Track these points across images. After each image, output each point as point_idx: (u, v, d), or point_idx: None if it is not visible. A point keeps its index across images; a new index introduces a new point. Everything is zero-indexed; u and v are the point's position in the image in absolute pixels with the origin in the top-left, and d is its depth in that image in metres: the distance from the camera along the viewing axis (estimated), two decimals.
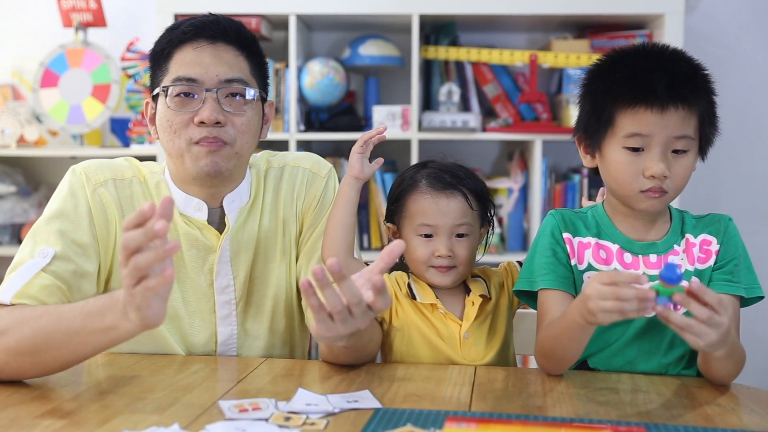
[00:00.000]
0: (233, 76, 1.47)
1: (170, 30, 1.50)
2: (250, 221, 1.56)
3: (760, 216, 3.20)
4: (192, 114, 1.44)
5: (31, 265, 1.38)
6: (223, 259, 1.52)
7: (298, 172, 1.62)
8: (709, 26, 3.15)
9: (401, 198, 1.54)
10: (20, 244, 3.07)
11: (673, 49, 1.38)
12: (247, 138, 1.49)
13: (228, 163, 1.47)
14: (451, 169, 1.54)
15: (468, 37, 3.16)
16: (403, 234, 1.54)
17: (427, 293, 1.52)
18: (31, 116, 3.18)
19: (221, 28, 1.48)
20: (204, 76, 1.45)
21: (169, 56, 1.48)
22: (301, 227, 1.60)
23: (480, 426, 1.10)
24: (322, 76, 2.92)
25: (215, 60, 1.46)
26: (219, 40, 1.48)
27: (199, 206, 1.52)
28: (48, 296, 1.35)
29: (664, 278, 1.14)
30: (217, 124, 1.44)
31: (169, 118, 1.46)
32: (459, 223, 1.50)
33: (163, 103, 1.47)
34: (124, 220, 1.46)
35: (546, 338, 1.36)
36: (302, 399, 1.20)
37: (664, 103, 1.31)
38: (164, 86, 1.46)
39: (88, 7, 3.07)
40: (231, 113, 1.46)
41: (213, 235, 1.52)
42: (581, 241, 1.45)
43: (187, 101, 1.45)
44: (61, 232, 1.43)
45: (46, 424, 1.10)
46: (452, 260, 1.50)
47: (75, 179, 1.49)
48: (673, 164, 1.34)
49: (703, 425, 1.14)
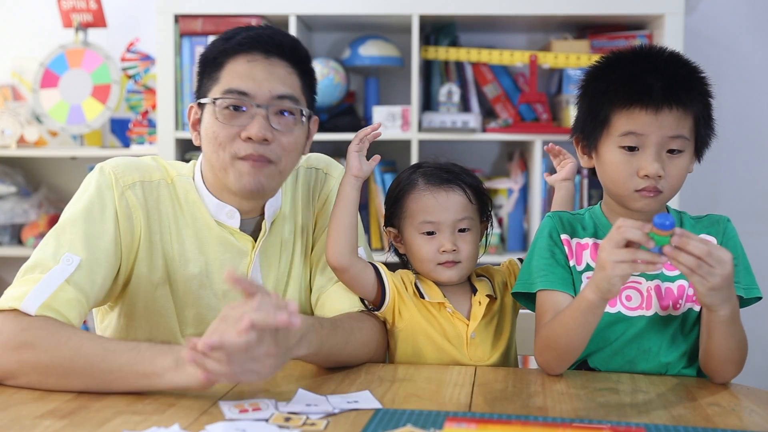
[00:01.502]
0: (285, 92, 1.44)
1: (225, 39, 1.47)
2: (277, 226, 1.55)
3: (759, 216, 3.20)
4: (239, 129, 1.42)
5: (56, 273, 1.33)
6: (255, 264, 1.51)
7: (312, 173, 1.62)
8: (709, 26, 3.15)
9: (400, 199, 1.55)
10: (20, 244, 3.12)
11: (670, 51, 1.40)
12: (291, 156, 1.47)
13: (271, 181, 1.45)
14: (446, 166, 1.55)
15: (468, 37, 3.16)
16: (405, 236, 1.54)
17: (435, 292, 1.52)
18: (31, 117, 3.18)
19: (277, 42, 1.45)
20: (256, 90, 1.42)
21: (221, 65, 1.45)
22: (315, 225, 1.60)
23: (480, 426, 1.10)
24: (322, 76, 2.92)
25: (268, 75, 1.43)
26: (273, 55, 1.45)
27: (232, 214, 1.50)
28: (69, 310, 1.32)
29: (658, 225, 1.19)
30: (264, 141, 1.41)
31: (215, 131, 1.43)
32: (461, 217, 1.51)
33: (210, 113, 1.44)
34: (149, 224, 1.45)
35: (551, 329, 1.36)
36: (302, 399, 1.20)
37: (659, 103, 1.33)
38: (214, 97, 1.43)
39: (88, 7, 3.07)
40: (279, 131, 1.44)
41: (247, 240, 1.51)
42: (579, 243, 1.45)
43: (236, 115, 1.43)
44: (87, 236, 1.39)
45: (46, 424, 1.10)
46: (457, 255, 1.50)
47: (103, 179, 1.46)
48: (667, 164, 1.35)
49: (703, 425, 1.14)
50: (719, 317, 1.28)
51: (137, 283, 1.47)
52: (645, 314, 1.41)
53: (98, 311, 1.57)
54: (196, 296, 1.49)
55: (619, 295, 1.41)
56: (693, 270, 1.21)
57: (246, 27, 1.50)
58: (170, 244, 1.48)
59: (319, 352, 1.32)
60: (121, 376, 1.22)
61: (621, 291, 1.41)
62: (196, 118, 1.49)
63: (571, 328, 1.32)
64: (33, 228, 3.12)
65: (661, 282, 1.42)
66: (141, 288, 1.47)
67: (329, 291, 1.53)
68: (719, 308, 1.27)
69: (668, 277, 1.42)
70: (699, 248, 1.20)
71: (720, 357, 1.34)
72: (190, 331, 1.49)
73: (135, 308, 1.49)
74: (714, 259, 1.20)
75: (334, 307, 1.50)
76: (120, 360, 1.22)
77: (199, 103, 1.48)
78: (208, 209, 1.49)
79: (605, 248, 1.23)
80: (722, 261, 1.21)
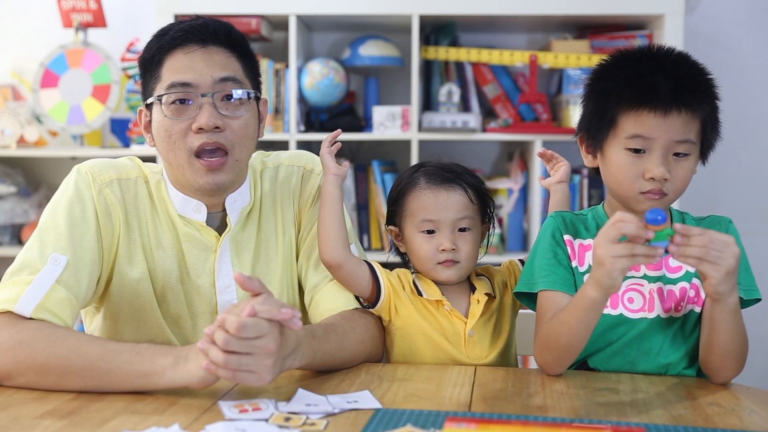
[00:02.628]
0: (227, 74, 1.46)
1: (159, 36, 1.49)
2: (250, 222, 1.56)
3: (760, 216, 3.20)
4: (190, 121, 1.44)
5: (46, 275, 1.35)
6: (224, 258, 1.52)
7: (293, 170, 1.62)
8: (709, 27, 3.15)
9: (401, 198, 1.55)
10: (20, 244, 3.12)
11: (678, 52, 1.38)
12: (245, 142, 1.49)
13: (229, 175, 1.47)
14: (448, 166, 1.56)
15: (468, 37, 3.16)
16: (406, 234, 1.55)
17: (433, 290, 1.52)
18: (31, 117, 3.18)
19: (211, 31, 1.47)
20: (198, 79, 1.44)
21: (160, 63, 1.47)
22: (299, 226, 1.60)
23: (480, 426, 1.10)
24: (322, 76, 2.92)
25: (207, 62, 1.45)
26: (209, 43, 1.47)
27: (198, 207, 1.52)
28: (62, 310, 1.34)
29: (650, 221, 1.20)
30: (215, 129, 1.43)
31: (166, 128, 1.45)
32: (461, 216, 1.51)
33: (158, 111, 1.46)
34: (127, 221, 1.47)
35: (551, 328, 1.36)
36: (302, 399, 1.20)
37: (668, 106, 1.31)
38: (159, 95, 1.45)
39: (88, 7, 3.07)
40: (228, 117, 1.45)
41: (211, 235, 1.52)
42: (582, 243, 1.45)
43: (183, 108, 1.44)
44: (71, 236, 1.42)
45: (46, 424, 1.10)
46: (456, 254, 1.50)
47: (81, 179, 1.48)
48: (673, 167, 1.34)
49: (703, 425, 1.14)
50: (727, 306, 1.28)
51: (119, 280, 1.49)
52: (647, 316, 1.41)
53: (85, 315, 1.59)
54: (175, 291, 1.51)
55: (621, 298, 1.41)
56: (702, 258, 1.21)
57: (178, 21, 1.51)
58: (148, 239, 1.51)
59: (313, 362, 1.33)
60: (120, 375, 1.23)
61: (623, 293, 1.41)
62: (147, 121, 1.51)
63: (572, 327, 1.32)
64: (33, 228, 3.10)
65: (664, 284, 1.42)
66: (124, 285, 1.49)
67: (323, 290, 1.53)
68: (728, 296, 1.26)
69: (670, 280, 1.42)
70: (701, 238, 1.20)
71: (722, 351, 1.33)
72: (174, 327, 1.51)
73: (120, 307, 1.50)
74: (719, 243, 1.21)
75: (328, 307, 1.50)
76: (119, 359, 1.23)
77: (146, 105, 1.50)
78: (174, 205, 1.52)
79: (601, 245, 1.23)
80: (727, 243, 1.22)
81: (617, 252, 1.21)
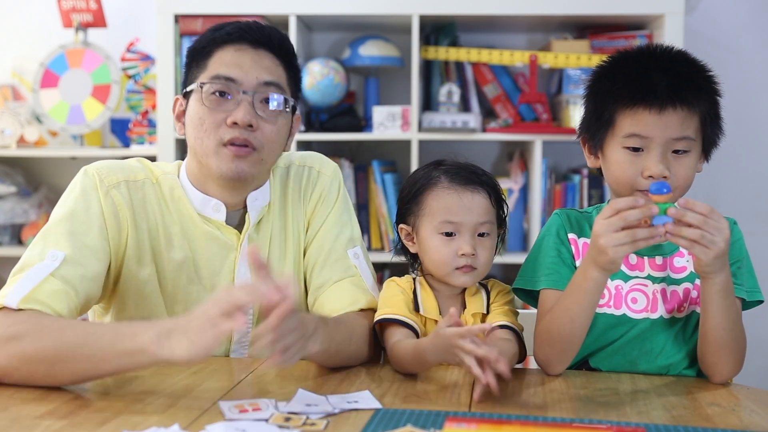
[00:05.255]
0: (271, 79, 1.47)
1: (214, 30, 1.50)
2: (265, 221, 1.56)
3: (760, 216, 3.20)
4: (225, 114, 1.44)
5: (40, 269, 1.35)
6: (244, 257, 1.52)
7: (303, 171, 1.62)
8: (709, 26, 3.15)
9: (418, 196, 1.48)
10: (20, 244, 3.13)
11: (677, 50, 1.38)
12: (273, 147, 1.49)
13: (253, 168, 1.47)
14: (468, 166, 1.50)
15: (468, 37, 3.16)
16: (421, 234, 1.47)
17: (431, 304, 1.47)
18: (31, 116, 3.18)
19: (265, 35, 1.49)
20: (243, 77, 1.45)
21: (209, 54, 1.48)
22: (308, 226, 1.60)
23: (480, 426, 1.10)
24: (322, 76, 2.92)
25: (255, 64, 1.46)
26: (261, 46, 1.48)
27: (218, 207, 1.51)
28: (57, 302, 1.33)
29: (654, 191, 1.24)
30: (249, 127, 1.44)
31: (201, 116, 1.45)
32: (482, 221, 1.44)
33: (197, 99, 1.46)
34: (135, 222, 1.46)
35: (551, 321, 1.36)
36: (302, 399, 1.20)
37: (664, 103, 1.31)
38: (201, 82, 1.46)
39: (88, 7, 3.07)
40: (263, 119, 1.45)
41: (232, 234, 1.52)
42: (586, 242, 1.44)
43: (222, 101, 1.45)
44: (72, 233, 1.41)
45: (46, 425, 1.10)
46: (475, 260, 1.43)
47: (87, 180, 1.48)
48: (673, 164, 1.34)
49: (703, 425, 1.14)
50: (715, 285, 1.28)
51: (127, 281, 1.48)
52: (650, 317, 1.41)
53: (94, 315, 1.58)
54: (185, 292, 1.51)
55: (624, 298, 1.42)
56: (696, 241, 1.22)
57: (236, 21, 1.52)
58: (158, 240, 1.50)
59: (328, 349, 1.33)
60: (105, 357, 1.22)
61: (627, 293, 1.42)
62: (181, 110, 1.52)
63: (574, 313, 1.32)
64: (33, 228, 3.12)
65: (668, 285, 1.42)
66: (131, 286, 1.48)
67: (327, 291, 1.53)
68: (716, 275, 1.27)
69: (674, 280, 1.42)
70: (696, 218, 1.22)
71: (715, 340, 1.33)
72: None
73: (126, 306, 1.50)
74: (713, 228, 1.22)
75: (333, 307, 1.50)
76: (101, 341, 1.22)
77: (185, 93, 1.51)
78: (193, 204, 1.51)
79: (603, 234, 1.24)
80: (720, 229, 1.23)
81: (619, 240, 1.23)
